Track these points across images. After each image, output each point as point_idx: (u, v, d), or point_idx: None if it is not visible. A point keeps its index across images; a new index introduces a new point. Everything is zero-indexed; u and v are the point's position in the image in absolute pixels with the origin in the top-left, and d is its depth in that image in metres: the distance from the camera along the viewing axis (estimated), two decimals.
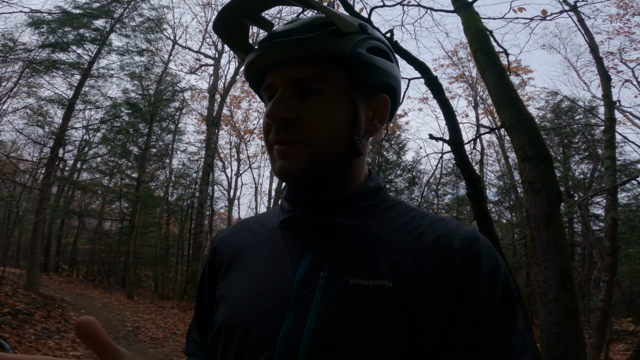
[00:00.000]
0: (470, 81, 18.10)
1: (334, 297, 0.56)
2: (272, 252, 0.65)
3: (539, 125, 2.93)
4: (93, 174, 16.34)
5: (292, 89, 0.61)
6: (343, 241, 0.61)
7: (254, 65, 0.62)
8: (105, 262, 16.54)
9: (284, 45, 0.59)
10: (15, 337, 5.29)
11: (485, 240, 0.60)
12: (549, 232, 2.62)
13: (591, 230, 12.04)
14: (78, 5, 10.50)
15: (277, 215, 0.70)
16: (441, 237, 0.59)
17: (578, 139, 13.95)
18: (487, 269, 0.56)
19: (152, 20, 12.57)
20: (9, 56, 10.05)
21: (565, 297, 2.47)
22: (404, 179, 17.70)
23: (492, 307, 0.54)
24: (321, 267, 0.59)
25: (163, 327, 8.77)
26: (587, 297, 10.97)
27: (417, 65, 2.97)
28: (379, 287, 0.55)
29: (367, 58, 0.61)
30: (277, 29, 0.63)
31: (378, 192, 0.67)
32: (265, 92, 0.65)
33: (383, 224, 0.63)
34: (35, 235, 9.54)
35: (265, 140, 0.65)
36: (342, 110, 0.61)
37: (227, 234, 0.76)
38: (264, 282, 0.62)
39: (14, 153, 17.08)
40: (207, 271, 0.76)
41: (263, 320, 0.58)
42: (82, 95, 11.30)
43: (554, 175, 2.71)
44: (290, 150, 0.60)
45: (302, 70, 0.60)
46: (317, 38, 0.59)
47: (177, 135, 17.79)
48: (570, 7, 5.87)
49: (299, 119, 0.59)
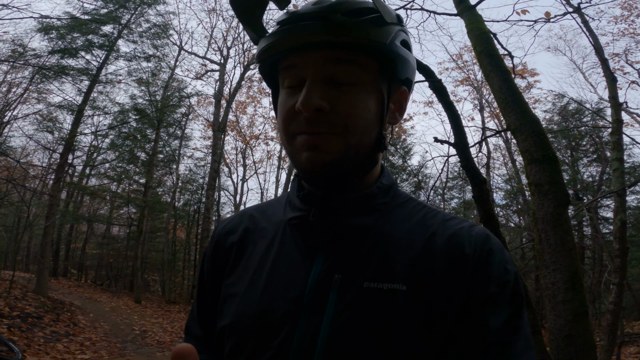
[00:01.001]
0: (475, 84, 18.04)
1: (348, 301, 0.55)
2: (282, 251, 0.63)
3: (546, 128, 2.93)
4: (101, 179, 16.51)
5: (325, 76, 0.57)
6: (356, 242, 0.60)
7: (278, 47, 0.57)
8: (113, 267, 16.66)
9: (324, 29, 0.54)
10: (24, 340, 5.35)
11: (496, 240, 0.60)
12: (557, 234, 2.61)
13: (600, 233, 11.90)
14: (86, 11, 10.67)
15: (284, 208, 0.68)
16: (454, 238, 0.59)
17: (586, 142, 13.84)
18: (497, 269, 0.56)
19: (158, 26, 12.74)
20: (17, 62, 10.23)
21: (574, 299, 2.45)
22: (410, 183, 17.66)
23: (500, 306, 0.54)
24: (335, 270, 0.57)
25: (170, 331, 8.81)
26: (597, 300, 10.84)
27: (421, 69, 2.98)
28: (393, 291, 0.54)
29: (402, 52, 0.59)
30: (304, 9, 0.58)
31: (390, 189, 0.65)
32: (288, 76, 0.60)
33: (396, 222, 0.62)
34: (45, 240, 9.65)
35: (286, 130, 0.60)
36: (373, 101, 0.59)
37: (230, 227, 0.72)
38: (275, 282, 0.60)
39: (24, 159, 17.32)
40: (208, 266, 0.72)
41: (277, 322, 0.56)
42: (91, 101, 11.45)
43: (561, 177, 2.70)
44: (323, 141, 0.56)
45: (339, 56, 0.56)
46: (360, 25, 0.55)
47: (184, 141, 17.93)
48: (574, 9, 5.86)
49: (332, 110, 0.56)
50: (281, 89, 0.62)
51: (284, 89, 0.61)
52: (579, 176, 13.66)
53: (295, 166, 0.61)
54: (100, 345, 6.40)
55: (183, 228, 19.46)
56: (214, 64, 17.46)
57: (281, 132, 0.62)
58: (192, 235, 18.34)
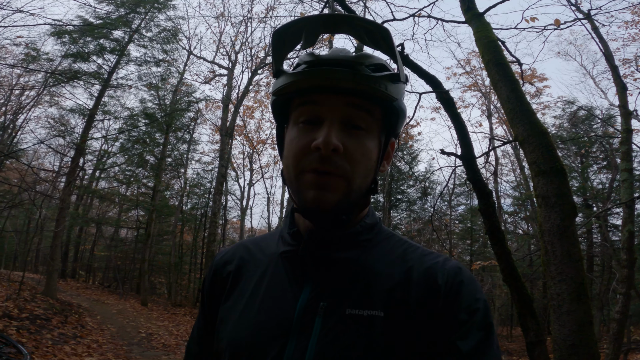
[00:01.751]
0: (483, 90, 17.96)
1: (332, 326, 0.60)
2: (274, 280, 0.69)
3: (555, 135, 2.92)
4: (111, 182, 16.70)
5: (343, 119, 0.62)
6: (340, 273, 0.65)
7: (304, 84, 0.62)
8: (120, 269, 16.79)
9: (351, 77, 0.60)
10: (32, 342, 5.41)
11: (467, 273, 0.65)
12: (563, 246, 2.60)
13: (610, 241, 11.74)
14: (98, 15, 10.84)
15: (277, 242, 0.74)
16: (429, 271, 0.64)
17: (596, 148, 13.68)
18: (467, 298, 0.61)
19: (168, 30, 12.89)
20: (30, 67, 10.41)
21: (579, 309, 2.46)
22: (416, 189, 17.58)
23: (470, 331, 0.59)
24: (321, 298, 0.63)
25: (175, 334, 8.85)
26: (605, 307, 10.69)
27: (428, 79, 3.00)
28: (372, 317, 0.60)
29: (404, 107, 0.68)
30: (333, 55, 0.63)
31: (374, 227, 0.71)
32: (303, 113, 0.64)
33: (378, 256, 0.67)
34: (54, 243, 9.76)
35: (296, 165, 0.63)
36: (376, 149, 0.66)
37: (227, 257, 0.78)
38: (267, 308, 0.66)
39: (35, 162, 17.59)
40: (207, 291, 0.78)
41: (268, 344, 0.62)
42: (102, 105, 11.61)
43: (569, 189, 2.69)
44: (331, 181, 0.61)
45: (357, 102, 0.62)
46: (382, 79, 0.61)
47: (192, 145, 18.07)
48: (584, 16, 5.82)
49: (345, 151, 0.61)
50: (292, 125, 0.66)
51: (296, 125, 0.65)
52: (588, 184, 13.49)
53: (299, 202, 0.64)
54: (107, 348, 6.45)
55: (190, 231, 19.58)
56: (222, 69, 17.63)
57: (290, 167, 0.64)
58: (199, 239, 18.46)
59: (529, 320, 2.86)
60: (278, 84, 0.64)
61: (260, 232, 25.56)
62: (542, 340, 2.83)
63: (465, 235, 16.60)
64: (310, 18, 0.63)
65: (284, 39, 0.64)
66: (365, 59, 0.63)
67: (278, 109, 0.70)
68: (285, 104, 0.68)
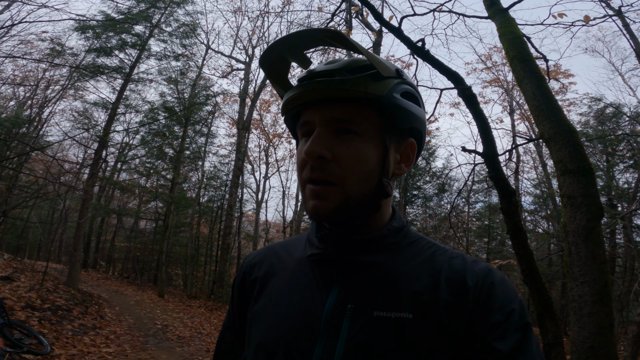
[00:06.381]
0: (505, 86, 17.55)
1: (360, 328, 0.61)
2: (301, 283, 0.70)
3: (581, 133, 2.83)
4: (131, 174, 17.05)
5: (329, 128, 0.63)
6: (368, 276, 0.65)
7: (294, 102, 0.65)
8: (139, 260, 17.17)
9: (326, 85, 0.62)
10: (53, 333, 5.55)
11: (498, 274, 0.64)
12: (588, 247, 2.53)
13: (633, 242, 11.37)
14: (120, 10, 11.01)
15: (304, 246, 0.75)
16: (458, 273, 0.64)
17: (623, 147, 13.22)
18: (501, 300, 0.61)
19: (187, 25, 13.02)
20: (55, 61, 10.67)
21: (601, 312, 2.41)
22: (433, 185, 17.36)
23: (507, 332, 0.58)
24: (348, 300, 0.63)
25: (190, 327, 9.00)
26: (626, 308, 10.40)
27: (449, 75, 2.93)
28: (401, 319, 0.60)
29: (400, 102, 0.65)
30: (318, 68, 0.66)
31: (401, 230, 0.71)
32: (302, 129, 0.67)
33: (405, 259, 0.67)
34: (77, 233, 10.03)
35: (299, 176, 0.67)
36: (374, 151, 0.64)
37: (256, 260, 0.80)
38: (296, 311, 0.67)
39: (59, 154, 18.09)
40: (237, 293, 0.80)
41: (296, 346, 0.63)
42: (124, 99, 11.84)
43: (596, 190, 2.60)
44: (324, 190, 0.62)
45: (341, 110, 0.63)
46: (358, 80, 0.62)
47: (209, 139, 18.29)
48: (615, 12, 5.60)
49: (334, 158, 0.62)
50: (299, 140, 0.70)
51: (301, 140, 0.69)
52: (613, 182, 13.06)
53: (306, 211, 0.67)
54: (124, 339, 6.60)
55: (206, 224, 19.87)
56: (240, 63, 17.73)
57: (298, 179, 0.68)
58: (215, 231, 18.70)
59: (547, 322, 2.80)
60: (282, 105, 0.69)
61: (274, 226, 25.73)
62: (560, 342, 2.76)
63: (482, 233, 16.32)
64: (275, 43, 0.66)
65: (268, 68, 0.69)
66: (349, 63, 0.65)
67: (291, 127, 0.73)
68: (294, 121, 0.71)
